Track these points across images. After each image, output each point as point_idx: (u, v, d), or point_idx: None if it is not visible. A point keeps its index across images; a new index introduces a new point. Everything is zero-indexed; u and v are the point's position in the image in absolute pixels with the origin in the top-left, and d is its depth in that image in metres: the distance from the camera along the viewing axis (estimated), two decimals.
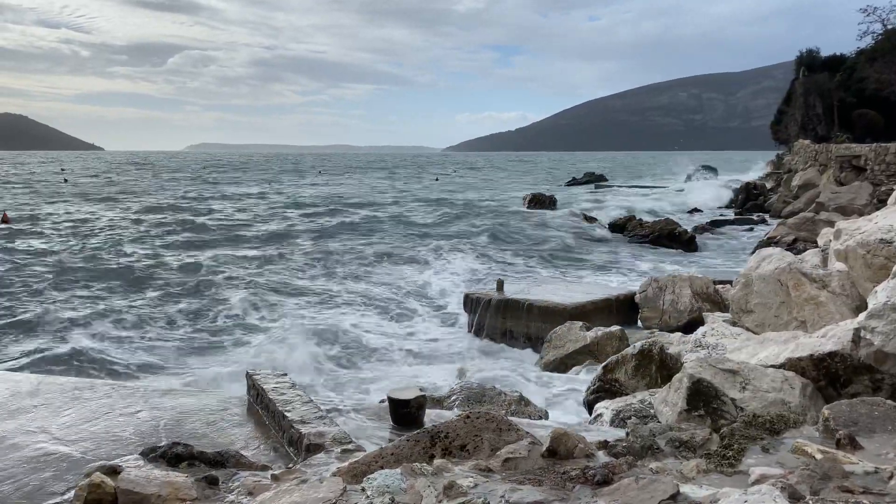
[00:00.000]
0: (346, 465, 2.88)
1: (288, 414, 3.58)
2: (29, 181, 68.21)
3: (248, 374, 4.31)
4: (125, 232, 27.83)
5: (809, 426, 3.16)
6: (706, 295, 11.36)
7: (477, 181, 79.20)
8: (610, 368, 6.80)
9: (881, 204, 16.73)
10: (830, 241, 7.24)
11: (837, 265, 6.67)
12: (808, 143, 44.19)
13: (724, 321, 7.61)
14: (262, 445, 3.53)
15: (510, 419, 3.17)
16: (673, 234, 25.00)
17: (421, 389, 4.01)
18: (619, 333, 9.73)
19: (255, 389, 4.10)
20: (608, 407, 5.92)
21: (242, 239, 26.51)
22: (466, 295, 13.01)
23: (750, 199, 39.37)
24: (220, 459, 3.00)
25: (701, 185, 53.79)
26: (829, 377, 4.90)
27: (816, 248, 8.52)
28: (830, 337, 5.06)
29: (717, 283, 12.03)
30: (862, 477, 2.37)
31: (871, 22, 43.86)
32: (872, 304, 4.88)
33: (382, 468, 2.59)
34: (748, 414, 3.64)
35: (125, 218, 33.32)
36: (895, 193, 8.05)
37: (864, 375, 4.74)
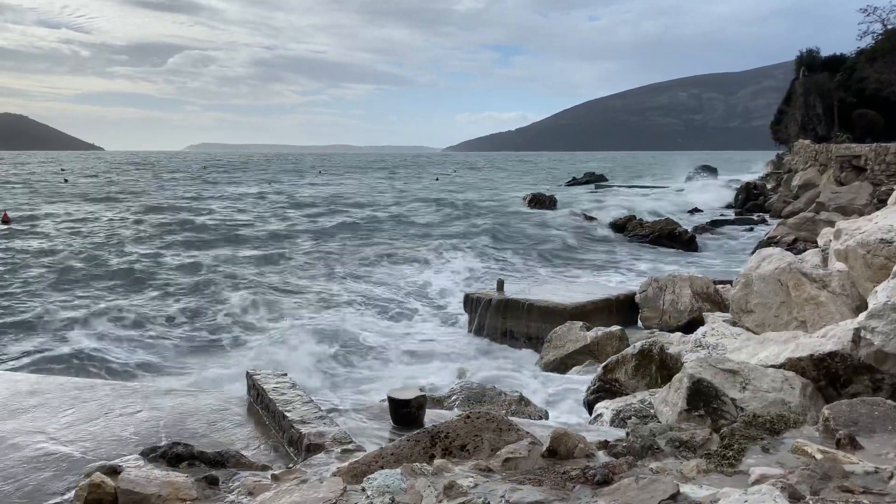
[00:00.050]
0: (346, 465, 2.88)
1: (288, 414, 3.58)
2: (29, 181, 68.21)
3: (248, 373, 4.31)
4: (125, 232, 27.83)
5: (809, 426, 3.16)
6: (706, 295, 11.37)
7: (477, 181, 79.18)
8: (610, 368, 6.80)
9: (881, 204, 16.73)
10: (830, 241, 7.24)
11: (837, 265, 6.67)
12: (808, 143, 44.20)
13: (724, 321, 7.61)
14: (262, 445, 3.53)
15: (510, 419, 3.17)
16: (673, 233, 25.00)
17: (421, 389, 4.01)
18: (619, 333, 9.73)
19: (255, 389, 4.10)
20: (608, 407, 5.92)
21: (242, 239, 26.50)
22: (466, 295, 13.02)
23: (750, 199, 39.37)
24: (220, 459, 3.00)
25: (701, 185, 53.82)
26: (829, 377, 4.90)
27: (816, 248, 8.53)
28: (830, 337, 5.06)
29: (717, 283, 12.04)
30: (862, 477, 2.37)
31: (871, 22, 43.92)
32: (872, 304, 4.88)
33: (382, 468, 2.59)
34: (748, 414, 3.64)
35: (125, 218, 33.31)
36: (895, 193, 8.05)
37: (864, 375, 4.74)
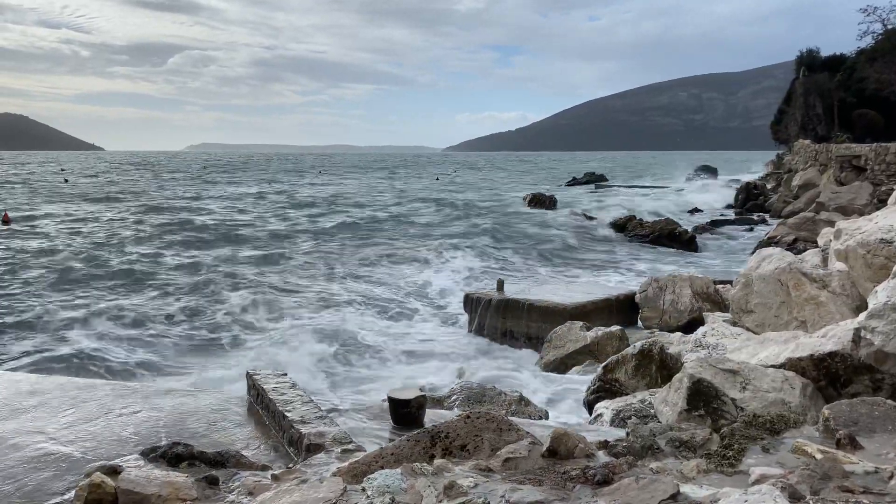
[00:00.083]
0: (346, 465, 2.88)
1: (288, 414, 3.58)
2: (29, 181, 68.22)
3: (248, 373, 4.31)
4: (125, 232, 27.82)
5: (810, 426, 3.16)
6: (706, 295, 11.37)
7: (477, 181, 79.18)
8: (610, 368, 6.80)
9: (881, 204, 16.73)
10: (830, 240, 7.24)
11: (837, 265, 6.67)
12: (808, 142, 44.19)
13: (724, 321, 7.61)
14: (262, 445, 3.53)
15: (510, 419, 3.17)
16: (673, 233, 25.00)
17: (421, 389, 4.01)
18: (619, 333, 9.73)
19: (255, 389, 4.10)
20: (608, 407, 5.92)
21: (242, 239, 26.50)
22: (467, 295, 13.02)
23: (750, 199, 39.38)
24: (220, 459, 3.00)
25: (701, 185, 53.86)
26: (829, 377, 4.90)
27: (816, 248, 8.52)
28: (830, 337, 5.06)
29: (717, 282, 12.04)
30: (862, 477, 2.37)
31: (871, 22, 43.93)
32: (872, 303, 4.88)
33: (383, 468, 2.59)
34: (748, 414, 3.64)
35: (125, 218, 33.31)
36: (895, 193, 8.05)
37: (864, 375, 4.74)
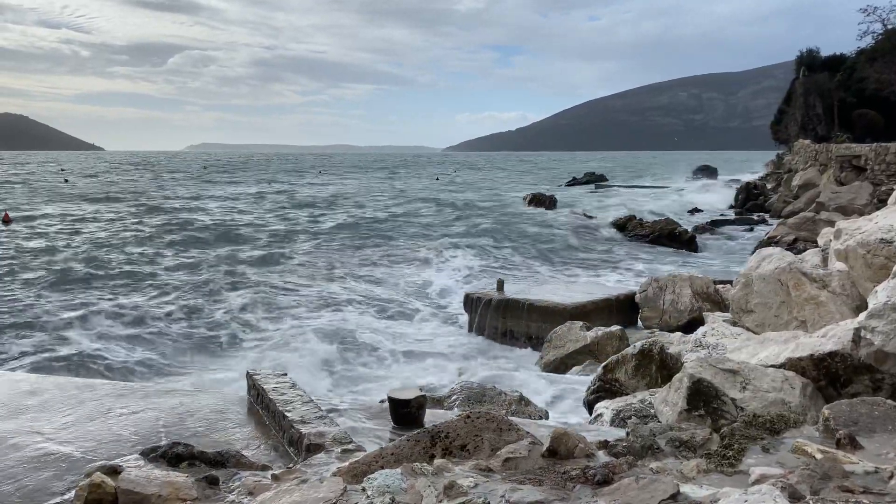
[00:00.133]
0: (346, 465, 2.88)
1: (288, 414, 3.58)
2: (29, 181, 68.23)
3: (248, 373, 4.31)
4: (125, 232, 27.83)
5: (809, 426, 3.16)
6: (706, 295, 11.37)
7: (477, 181, 79.20)
8: (610, 368, 6.80)
9: (881, 204, 16.72)
10: (830, 240, 7.24)
11: (837, 265, 6.67)
12: (808, 142, 44.20)
13: (724, 321, 7.60)
14: (262, 445, 3.53)
15: (510, 419, 3.17)
16: (673, 233, 25.00)
17: (421, 389, 4.01)
18: (619, 333, 9.74)
19: (255, 389, 4.10)
20: (608, 407, 5.92)
21: (242, 239, 26.51)
22: (467, 295, 13.02)
23: (750, 199, 39.40)
24: (220, 459, 3.00)
25: (701, 185, 53.90)
26: (829, 377, 4.90)
27: (816, 247, 8.52)
28: (831, 337, 5.05)
29: (717, 282, 12.05)
30: (862, 477, 2.37)
31: (871, 22, 43.93)
32: (873, 303, 4.88)
33: (383, 468, 2.59)
34: (748, 414, 3.64)
35: (125, 218, 33.33)
36: (895, 193, 8.05)
37: (864, 375, 4.74)
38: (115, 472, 2.59)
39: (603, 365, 7.08)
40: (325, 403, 3.94)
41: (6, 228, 27.85)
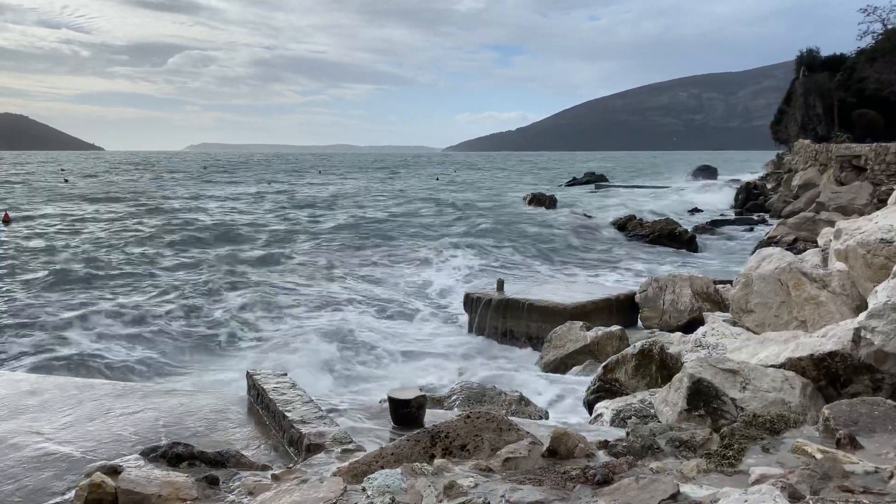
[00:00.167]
0: (346, 464, 2.88)
1: (288, 414, 3.58)
2: (29, 181, 68.23)
3: (248, 373, 4.31)
4: (125, 231, 27.83)
5: (809, 426, 3.16)
6: (706, 295, 11.37)
7: (477, 181, 79.22)
8: (610, 368, 6.80)
9: (881, 204, 16.72)
10: (830, 240, 7.24)
11: (837, 265, 6.67)
12: (808, 142, 44.20)
13: (724, 321, 7.60)
14: (262, 445, 3.53)
15: (510, 419, 3.17)
16: (673, 233, 25.00)
17: (421, 389, 4.01)
18: (619, 333, 9.74)
19: (255, 389, 4.10)
20: (608, 407, 5.92)
21: (242, 239, 26.52)
22: (467, 294, 13.02)
23: (750, 198, 39.41)
24: (220, 459, 3.00)
25: (701, 185, 53.93)
26: (829, 377, 4.90)
27: (816, 247, 8.52)
28: (831, 337, 5.05)
29: (717, 282, 12.04)
30: (862, 477, 2.37)
31: (871, 22, 43.94)
32: (873, 303, 4.88)
33: (383, 468, 2.59)
34: (748, 414, 3.64)
35: (125, 218, 33.33)
36: (895, 193, 8.05)
37: (864, 375, 4.74)
38: (115, 472, 2.59)
39: (603, 365, 7.08)
40: (325, 403, 3.94)
41: (6, 228, 27.85)
